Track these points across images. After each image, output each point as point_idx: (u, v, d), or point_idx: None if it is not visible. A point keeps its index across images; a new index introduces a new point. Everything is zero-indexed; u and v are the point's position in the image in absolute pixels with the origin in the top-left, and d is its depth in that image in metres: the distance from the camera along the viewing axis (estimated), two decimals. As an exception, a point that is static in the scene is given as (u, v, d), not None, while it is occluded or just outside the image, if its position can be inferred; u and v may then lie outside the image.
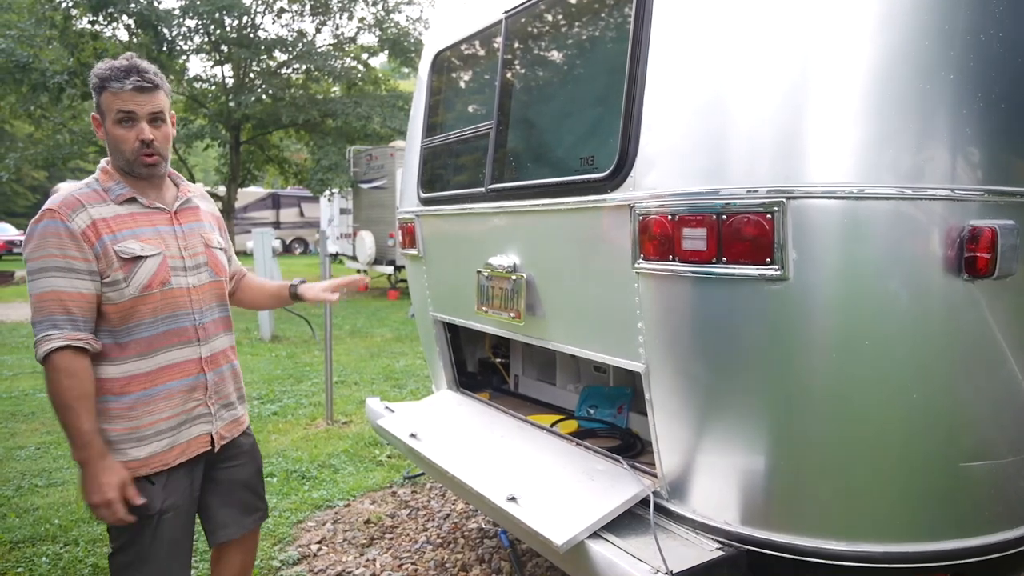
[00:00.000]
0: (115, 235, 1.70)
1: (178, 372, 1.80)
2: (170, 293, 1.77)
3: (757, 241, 1.58)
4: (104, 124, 1.75)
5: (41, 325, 1.63)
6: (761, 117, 1.62)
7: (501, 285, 2.40)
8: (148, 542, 1.75)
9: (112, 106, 1.71)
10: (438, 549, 3.01)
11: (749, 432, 1.70)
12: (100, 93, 1.72)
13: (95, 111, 1.76)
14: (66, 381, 1.61)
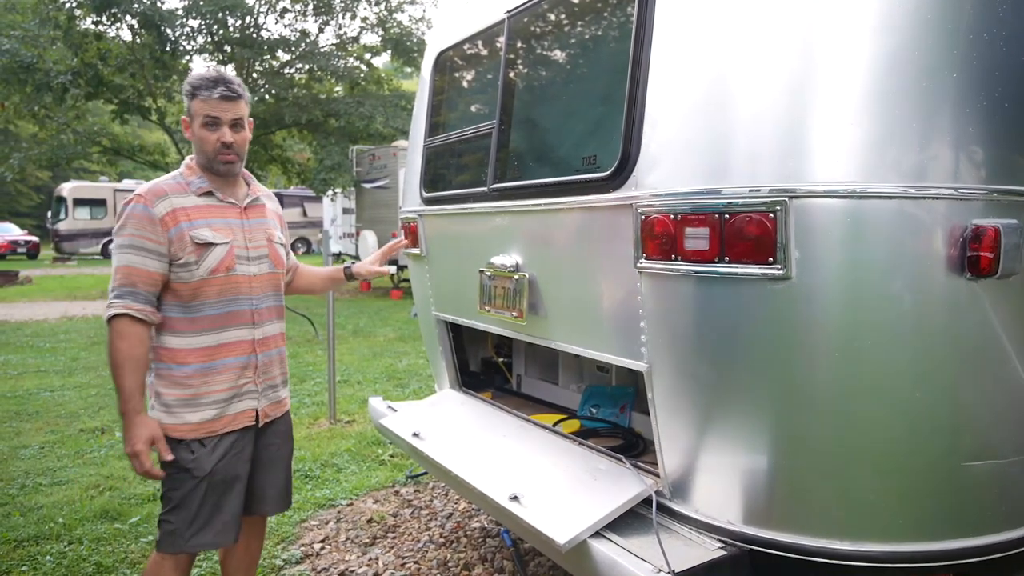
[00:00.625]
0: (192, 223, 1.93)
1: (234, 350, 2.00)
2: (233, 279, 1.98)
3: (760, 240, 1.58)
4: (192, 126, 1.98)
5: (112, 293, 1.88)
6: (764, 116, 1.62)
7: (504, 284, 2.40)
8: (197, 503, 1.93)
9: (200, 111, 1.94)
10: (441, 548, 3.02)
11: (752, 431, 1.70)
12: (191, 99, 1.95)
13: (185, 114, 2.00)
14: (119, 343, 1.84)
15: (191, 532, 1.93)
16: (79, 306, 11.97)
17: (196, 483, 1.92)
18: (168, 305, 1.94)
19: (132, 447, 1.85)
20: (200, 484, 1.92)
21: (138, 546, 3.01)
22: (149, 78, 13.50)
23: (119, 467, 3.95)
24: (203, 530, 1.94)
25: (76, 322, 10.03)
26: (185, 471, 1.91)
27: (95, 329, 9.27)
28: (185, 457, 1.91)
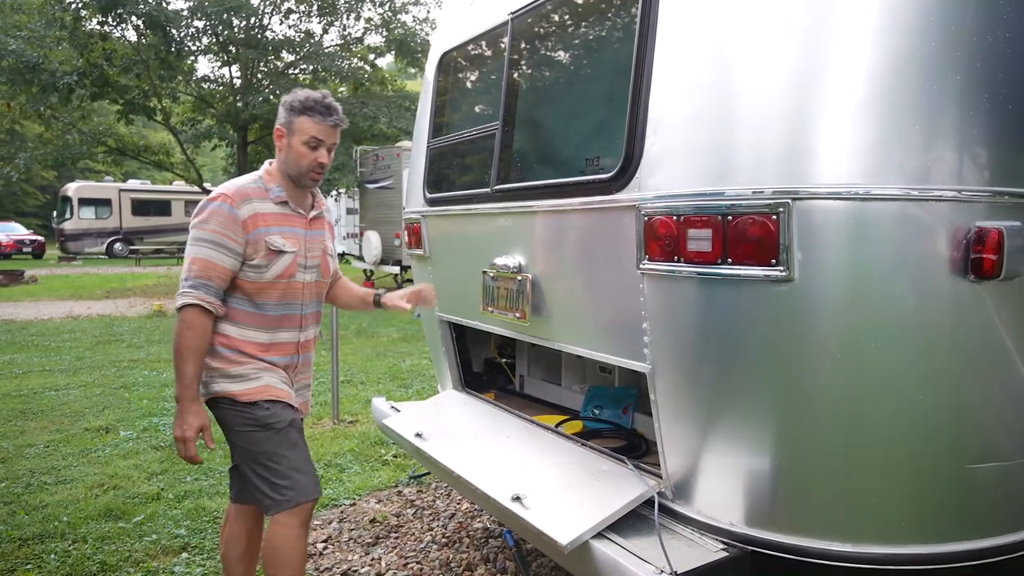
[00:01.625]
0: (268, 228, 2.04)
1: (281, 350, 2.13)
2: (293, 285, 2.11)
3: (762, 242, 1.58)
4: (291, 139, 2.06)
5: (186, 282, 1.98)
6: (767, 118, 1.62)
7: (507, 285, 2.40)
8: (290, 449, 2.05)
9: (308, 130, 2.04)
10: (443, 548, 3.02)
11: (754, 433, 1.70)
12: (299, 115, 2.04)
13: (281, 124, 2.07)
14: (187, 332, 1.96)
15: (297, 479, 2.02)
16: (84, 305, 12.01)
17: (282, 432, 2.04)
18: (234, 298, 2.05)
19: (183, 432, 1.97)
20: (286, 431, 2.05)
21: (142, 545, 3.02)
22: (154, 78, 13.55)
23: (123, 466, 3.96)
24: (306, 474, 2.06)
25: (81, 321, 10.07)
26: (268, 427, 2.03)
27: (100, 328, 9.31)
28: (261, 415, 2.03)
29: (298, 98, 2.05)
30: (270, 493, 2.02)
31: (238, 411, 2.03)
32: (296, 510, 2.02)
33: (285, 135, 2.07)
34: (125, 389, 5.88)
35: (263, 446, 2.03)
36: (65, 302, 12.54)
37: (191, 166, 15.51)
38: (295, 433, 2.08)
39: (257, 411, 2.03)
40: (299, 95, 2.06)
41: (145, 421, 4.87)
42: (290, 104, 2.05)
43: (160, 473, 3.87)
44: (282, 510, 2.02)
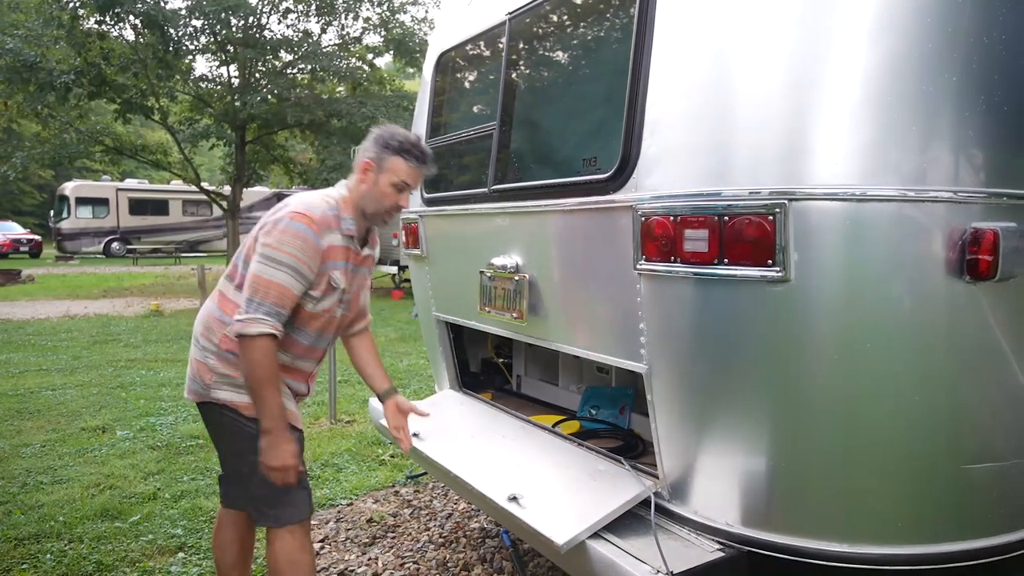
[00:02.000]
0: (335, 263, 1.97)
1: (298, 376, 2.09)
2: (332, 319, 2.06)
3: (759, 242, 1.58)
4: (379, 177, 1.97)
5: (261, 307, 1.83)
6: (764, 118, 1.63)
7: (504, 285, 2.40)
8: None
9: (401, 173, 1.97)
10: (440, 548, 3.02)
11: (750, 433, 1.70)
12: (394, 154, 1.96)
13: (371, 158, 1.97)
14: (266, 361, 1.84)
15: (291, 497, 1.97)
16: (81, 305, 11.99)
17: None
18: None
19: (284, 462, 1.88)
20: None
21: (138, 544, 3.02)
22: (152, 78, 13.53)
23: (120, 466, 3.96)
24: (302, 490, 2.00)
25: (78, 321, 10.05)
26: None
27: (97, 328, 9.29)
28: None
29: (396, 137, 1.96)
30: (265, 510, 1.99)
31: (241, 423, 1.97)
32: (292, 527, 1.99)
33: (373, 171, 1.97)
34: (122, 389, 5.87)
35: (252, 452, 1.94)
36: (62, 301, 12.51)
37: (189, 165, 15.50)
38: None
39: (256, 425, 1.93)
40: (396, 133, 1.97)
41: (142, 421, 4.86)
42: (385, 141, 1.96)
43: (157, 473, 3.86)
44: (279, 526, 1.98)
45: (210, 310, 2.03)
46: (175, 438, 4.44)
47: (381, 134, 1.98)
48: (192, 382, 2.04)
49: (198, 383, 2.00)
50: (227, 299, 1.99)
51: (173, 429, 4.65)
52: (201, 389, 2.00)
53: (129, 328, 9.26)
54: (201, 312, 2.08)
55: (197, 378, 2.01)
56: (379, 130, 2.00)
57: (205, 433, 4.42)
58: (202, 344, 2.01)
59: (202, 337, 2.01)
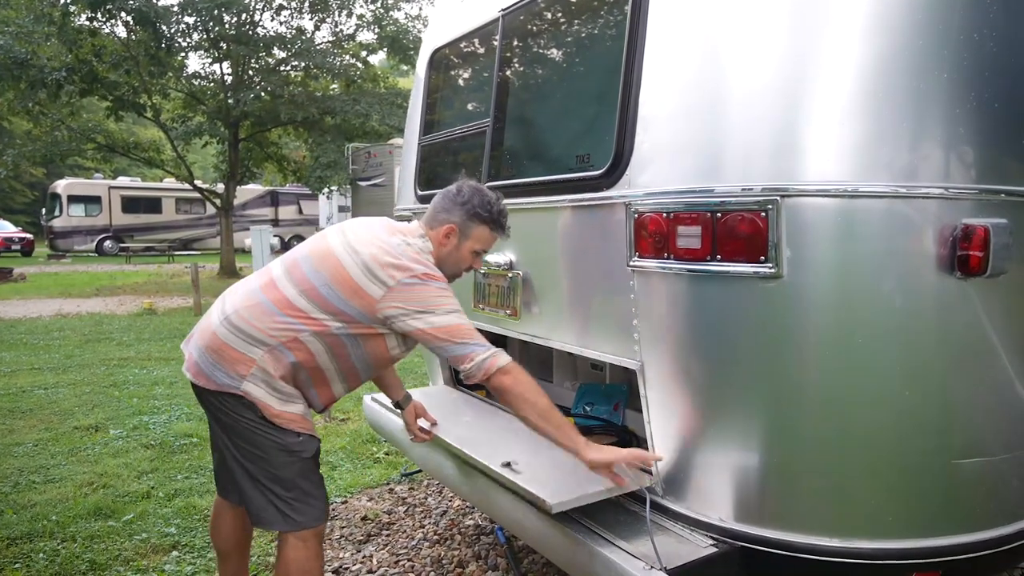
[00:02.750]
0: None
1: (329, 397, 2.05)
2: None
3: (751, 239, 1.59)
4: (462, 241, 2.00)
5: (475, 346, 1.84)
6: (756, 115, 1.63)
7: (498, 282, 2.40)
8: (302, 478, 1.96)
9: (485, 241, 2.02)
10: (435, 546, 3.02)
11: (743, 429, 1.71)
12: (481, 223, 1.98)
13: (456, 223, 1.98)
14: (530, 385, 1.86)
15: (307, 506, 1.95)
16: (73, 303, 11.92)
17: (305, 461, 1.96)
18: (356, 344, 1.93)
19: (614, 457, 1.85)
20: (310, 460, 1.98)
21: (132, 543, 3.01)
22: (144, 75, 13.45)
23: (113, 465, 3.94)
24: (318, 499, 1.99)
25: (70, 319, 10.00)
26: (293, 453, 1.94)
27: (90, 327, 9.24)
28: (291, 441, 1.93)
29: (485, 205, 1.97)
30: (277, 516, 1.93)
31: (267, 426, 1.90)
32: (304, 533, 1.95)
33: (457, 236, 1.98)
34: (115, 387, 5.84)
35: (283, 471, 1.92)
36: (54, 300, 12.44)
37: (182, 163, 15.42)
38: (315, 463, 2.01)
39: (288, 436, 1.91)
40: (486, 200, 1.97)
41: (135, 420, 4.84)
42: (475, 209, 1.97)
43: (150, 472, 3.85)
44: (289, 531, 1.95)
45: (265, 307, 1.89)
46: (168, 437, 4.42)
47: (471, 201, 1.97)
48: (215, 369, 1.88)
49: (225, 372, 1.87)
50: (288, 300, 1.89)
51: (166, 428, 4.63)
52: (228, 378, 1.87)
53: (122, 327, 9.22)
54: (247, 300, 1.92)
55: (227, 365, 1.87)
56: (465, 194, 1.98)
57: (199, 431, 4.43)
58: (246, 331, 1.87)
59: (248, 326, 1.87)
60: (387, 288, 1.84)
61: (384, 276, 1.84)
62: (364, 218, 2.09)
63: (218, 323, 1.92)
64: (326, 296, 1.87)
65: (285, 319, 1.87)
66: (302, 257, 1.95)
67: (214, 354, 1.90)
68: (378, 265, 1.85)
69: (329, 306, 1.87)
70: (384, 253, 1.87)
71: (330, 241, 1.95)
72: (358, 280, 1.85)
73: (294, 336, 1.87)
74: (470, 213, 1.96)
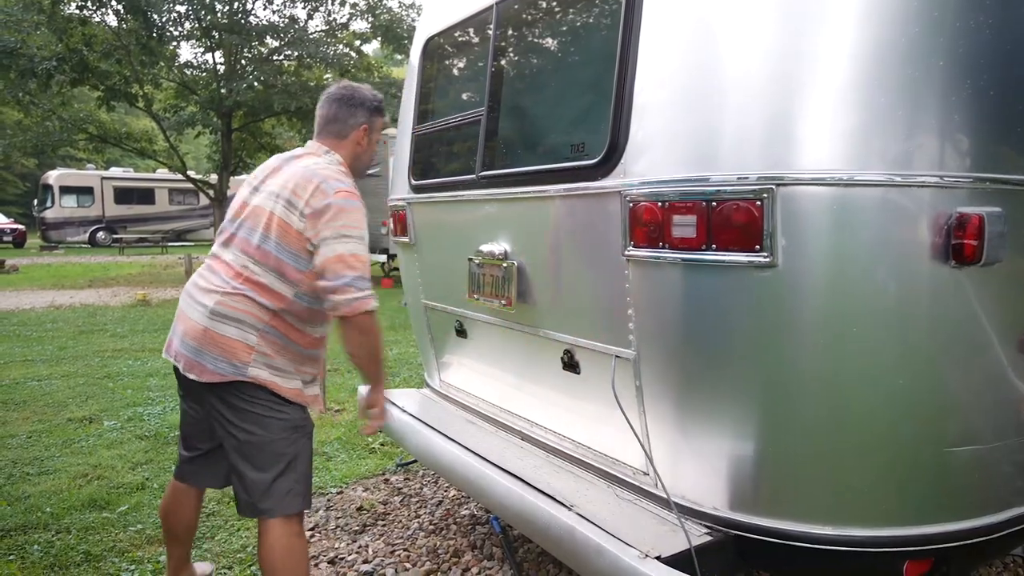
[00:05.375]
0: None
1: (321, 343, 2.10)
2: None
3: (746, 228, 1.58)
4: (371, 135, 2.11)
5: (366, 285, 1.88)
6: (751, 104, 1.62)
7: (492, 272, 2.40)
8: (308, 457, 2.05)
9: (381, 129, 2.13)
10: (430, 535, 3.03)
11: (737, 418, 1.71)
12: (380, 114, 2.12)
13: (365, 122, 2.09)
14: (378, 332, 1.94)
15: (306, 486, 2.01)
16: (67, 295, 11.86)
17: (307, 438, 2.03)
18: (310, 297, 1.95)
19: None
20: (309, 439, 2.04)
21: (127, 535, 3.00)
22: (136, 64, 13.33)
23: (107, 456, 3.93)
24: (309, 485, 2.04)
25: (63, 311, 9.94)
26: (299, 429, 1.99)
27: (83, 318, 9.20)
28: (298, 417, 1.99)
29: (377, 97, 2.10)
30: (278, 496, 1.93)
31: (276, 408, 1.94)
32: (296, 516, 1.98)
33: (368, 133, 2.09)
34: (109, 379, 5.82)
35: (289, 448, 1.95)
36: (47, 292, 12.37)
37: (174, 153, 15.31)
38: (311, 442, 2.05)
39: (295, 412, 1.96)
40: (376, 94, 2.11)
41: (129, 411, 4.83)
42: (373, 103, 2.08)
43: (145, 463, 3.84)
44: (284, 514, 1.94)
45: (235, 289, 1.92)
46: (163, 428, 4.41)
47: (366, 97, 2.08)
48: (218, 361, 1.89)
49: (227, 361, 1.88)
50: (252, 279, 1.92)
51: (161, 419, 4.62)
52: (232, 368, 1.89)
53: (116, 318, 9.18)
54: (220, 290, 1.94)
55: (228, 356, 1.89)
56: (364, 93, 2.08)
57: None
58: (238, 321, 1.90)
59: (245, 318, 1.90)
60: (319, 210, 1.88)
61: (316, 204, 1.88)
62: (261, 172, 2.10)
63: (206, 318, 1.93)
64: (276, 256, 1.91)
65: (261, 299, 1.92)
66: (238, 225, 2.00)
67: (213, 347, 1.91)
68: (303, 201, 1.90)
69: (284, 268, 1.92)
70: (320, 181, 1.91)
71: (250, 199, 2.01)
72: (294, 224, 1.90)
73: (273, 312, 1.93)
74: (371, 109, 2.08)
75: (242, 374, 1.90)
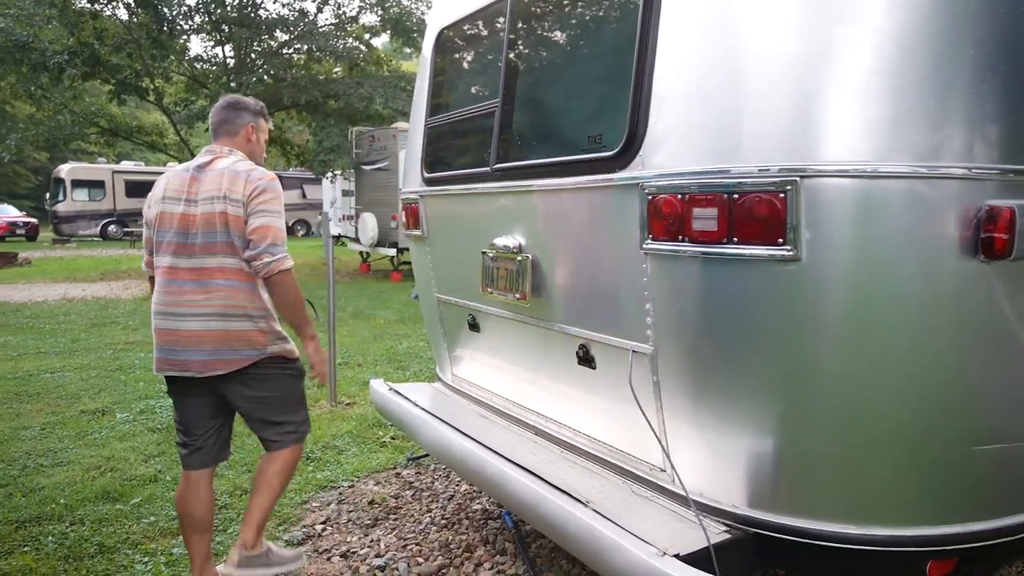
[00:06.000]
0: None
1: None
2: None
3: (769, 221, 1.55)
4: (259, 135, 2.53)
5: (283, 248, 2.26)
6: (774, 93, 1.58)
7: (506, 266, 2.37)
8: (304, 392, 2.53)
9: (267, 131, 2.58)
10: (443, 530, 3.02)
11: (758, 415, 1.69)
12: (263, 117, 2.54)
13: (252, 124, 2.49)
14: (296, 288, 2.31)
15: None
16: (79, 288, 11.94)
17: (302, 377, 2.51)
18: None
19: (325, 356, 2.48)
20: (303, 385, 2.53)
21: (140, 527, 3.01)
22: (146, 58, 13.35)
23: (120, 448, 3.95)
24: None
25: (76, 304, 10.01)
26: (301, 375, 2.49)
27: (95, 311, 9.26)
28: (299, 366, 2.47)
29: (257, 103, 2.52)
30: (299, 427, 2.45)
31: (288, 366, 2.39)
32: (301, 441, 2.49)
33: (255, 132, 2.50)
34: (121, 371, 5.85)
35: (297, 390, 2.46)
36: (60, 284, 12.46)
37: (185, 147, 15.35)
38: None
39: (297, 363, 2.45)
40: (255, 101, 2.53)
41: (142, 403, 4.85)
42: (256, 109, 2.50)
43: (157, 455, 3.85)
44: (301, 439, 2.47)
45: (229, 285, 2.25)
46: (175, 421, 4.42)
47: (249, 103, 2.49)
48: (243, 350, 2.27)
49: (251, 348, 2.28)
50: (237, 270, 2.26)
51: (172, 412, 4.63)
52: (255, 352, 2.29)
53: (127, 311, 9.23)
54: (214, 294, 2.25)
55: (248, 345, 2.29)
56: (246, 101, 2.50)
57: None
58: (248, 314, 2.28)
59: (248, 307, 2.27)
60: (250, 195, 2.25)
61: (247, 191, 2.25)
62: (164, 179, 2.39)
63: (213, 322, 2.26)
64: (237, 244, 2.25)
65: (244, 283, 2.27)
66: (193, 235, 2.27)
67: (232, 341, 2.26)
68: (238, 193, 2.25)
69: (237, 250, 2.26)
70: (248, 172, 2.29)
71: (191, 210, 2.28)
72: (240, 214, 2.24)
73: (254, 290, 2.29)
74: (255, 113, 2.49)
75: (264, 353, 2.30)
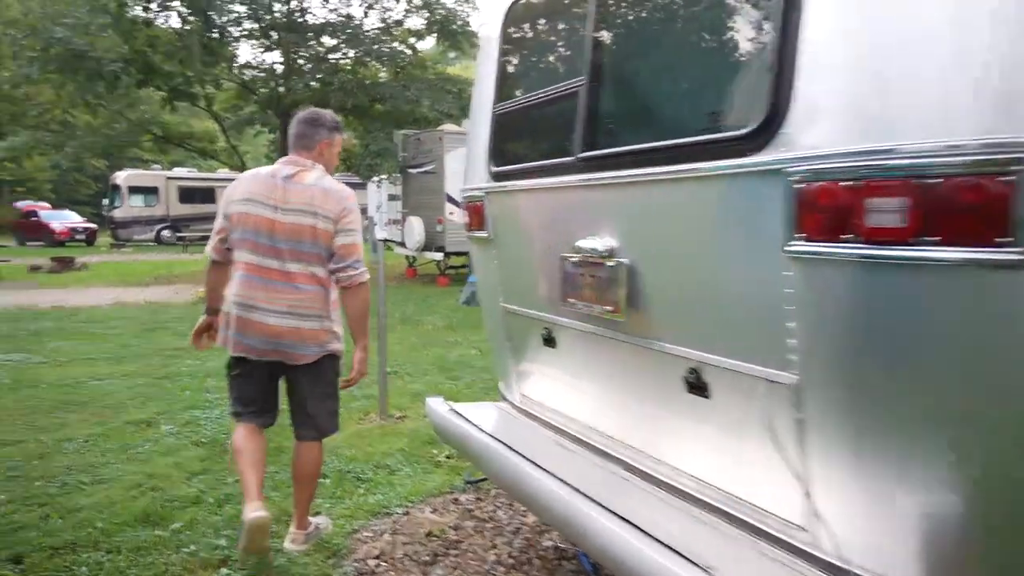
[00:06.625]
0: None
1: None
2: None
3: (984, 213, 1.15)
4: (333, 150, 2.77)
5: (363, 263, 2.64)
6: (987, 38, 1.18)
7: (594, 272, 2.01)
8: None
9: (339, 143, 2.82)
10: (511, 571, 2.67)
11: (952, 470, 1.28)
12: (340, 132, 2.81)
13: (329, 140, 2.73)
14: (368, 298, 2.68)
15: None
16: (132, 292, 12.08)
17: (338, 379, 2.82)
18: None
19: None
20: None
21: (179, 557, 2.75)
22: (198, 64, 13.48)
23: (163, 464, 3.74)
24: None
25: (128, 308, 10.07)
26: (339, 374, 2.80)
27: (147, 315, 9.27)
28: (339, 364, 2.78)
29: (333, 119, 2.74)
30: (328, 424, 2.77)
31: (336, 363, 2.74)
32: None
33: (331, 146, 2.73)
34: (168, 379, 5.71)
35: (336, 386, 2.75)
36: (114, 288, 12.64)
37: (234, 153, 15.49)
38: None
39: (341, 360, 2.76)
40: (331, 116, 2.75)
41: (187, 414, 4.66)
42: (332, 124, 2.74)
43: (200, 473, 3.62)
44: (333, 433, 2.83)
45: (312, 291, 2.60)
46: (220, 434, 4.20)
47: (327, 119, 2.73)
48: (310, 347, 2.62)
49: (316, 345, 2.62)
50: (319, 277, 2.61)
51: (217, 424, 4.42)
52: (319, 348, 2.63)
53: (177, 316, 9.20)
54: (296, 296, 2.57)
55: (315, 343, 2.62)
56: (319, 116, 2.72)
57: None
58: (318, 315, 2.61)
59: (321, 310, 2.62)
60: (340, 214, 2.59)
61: (337, 210, 2.58)
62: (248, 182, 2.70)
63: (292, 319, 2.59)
64: (318, 253, 2.60)
65: (324, 288, 2.62)
66: (280, 240, 2.56)
67: (302, 338, 2.60)
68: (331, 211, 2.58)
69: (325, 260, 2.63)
70: (337, 191, 2.61)
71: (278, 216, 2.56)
72: (329, 228, 2.58)
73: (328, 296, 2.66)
74: (332, 128, 2.73)
75: (326, 351, 2.66)
